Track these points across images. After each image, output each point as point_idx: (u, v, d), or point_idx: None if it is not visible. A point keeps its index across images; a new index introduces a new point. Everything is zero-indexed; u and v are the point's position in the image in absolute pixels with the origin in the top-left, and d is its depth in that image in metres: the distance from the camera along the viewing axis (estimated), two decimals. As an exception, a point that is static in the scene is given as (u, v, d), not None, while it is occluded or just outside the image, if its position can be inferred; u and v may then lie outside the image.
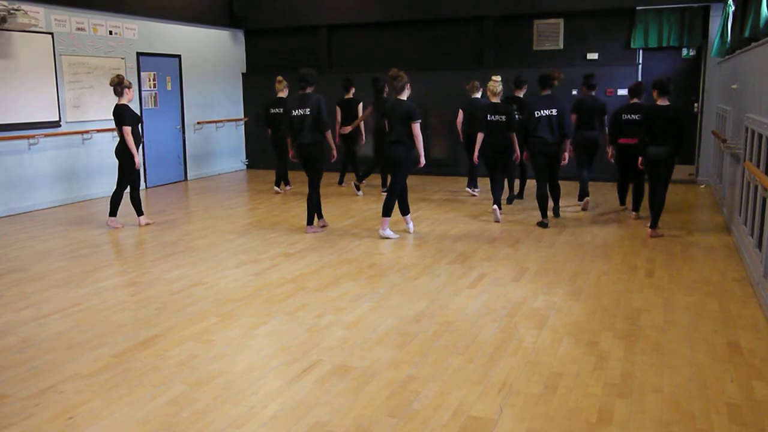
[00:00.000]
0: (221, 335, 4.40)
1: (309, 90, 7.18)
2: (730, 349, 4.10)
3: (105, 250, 6.83)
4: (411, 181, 10.49)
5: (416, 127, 6.79)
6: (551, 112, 7.48)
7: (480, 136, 7.94)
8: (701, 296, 5.13)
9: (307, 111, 7.10)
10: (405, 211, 7.31)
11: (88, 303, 5.11)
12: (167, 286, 5.54)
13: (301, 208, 8.84)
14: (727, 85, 8.89)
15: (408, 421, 3.25)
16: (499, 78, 8.30)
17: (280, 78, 10.23)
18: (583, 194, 8.58)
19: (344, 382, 3.67)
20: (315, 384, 3.65)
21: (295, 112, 7.14)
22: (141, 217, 7.92)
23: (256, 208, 9.16)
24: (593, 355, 4.01)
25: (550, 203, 7.87)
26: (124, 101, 7.53)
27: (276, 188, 10.33)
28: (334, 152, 7.56)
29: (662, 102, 6.87)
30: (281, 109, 9.67)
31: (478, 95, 9.32)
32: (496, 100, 7.95)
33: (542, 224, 7.55)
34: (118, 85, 7.49)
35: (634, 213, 7.99)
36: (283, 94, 10.01)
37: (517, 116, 8.16)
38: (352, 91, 10.14)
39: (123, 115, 7.45)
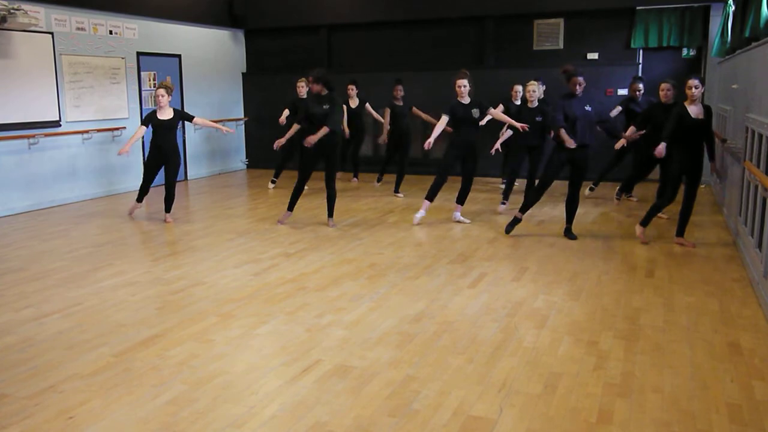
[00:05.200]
0: (221, 335, 4.40)
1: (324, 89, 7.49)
2: (730, 349, 4.09)
3: (105, 249, 6.83)
4: (412, 181, 10.51)
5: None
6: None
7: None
8: (701, 296, 5.13)
9: (327, 108, 7.42)
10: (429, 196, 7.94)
11: (88, 303, 5.11)
12: (167, 285, 5.54)
13: (302, 208, 8.83)
14: (727, 85, 8.89)
15: (408, 421, 3.25)
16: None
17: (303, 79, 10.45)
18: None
19: (344, 382, 3.67)
20: (315, 384, 3.65)
21: (316, 110, 7.49)
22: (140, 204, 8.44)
23: (256, 208, 9.16)
24: (593, 355, 4.01)
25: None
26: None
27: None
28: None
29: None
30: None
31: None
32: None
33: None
34: (169, 89, 8.08)
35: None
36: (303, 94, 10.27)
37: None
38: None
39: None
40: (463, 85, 7.55)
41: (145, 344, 4.26)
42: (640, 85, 8.94)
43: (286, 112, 10.04)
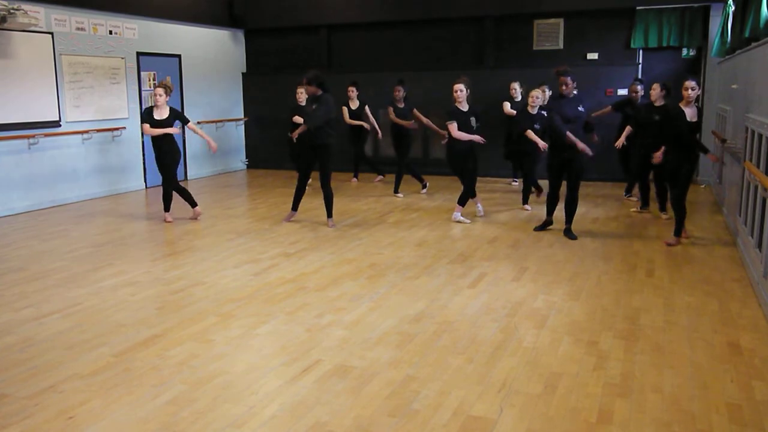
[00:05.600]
0: (221, 335, 4.40)
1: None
2: (730, 349, 4.09)
3: (105, 249, 6.83)
4: (413, 181, 10.50)
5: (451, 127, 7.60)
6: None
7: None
8: (701, 296, 5.13)
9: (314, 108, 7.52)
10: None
11: (88, 303, 5.11)
12: (167, 285, 5.54)
13: (302, 208, 8.84)
14: (727, 85, 8.89)
15: (408, 421, 3.25)
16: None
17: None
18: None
19: (344, 382, 3.67)
20: (315, 384, 3.65)
21: (307, 110, 7.65)
22: (168, 213, 8.26)
23: (256, 208, 9.17)
24: (593, 355, 4.01)
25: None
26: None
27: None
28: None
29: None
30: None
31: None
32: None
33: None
34: (168, 88, 7.98)
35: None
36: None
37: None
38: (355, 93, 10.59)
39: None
40: (460, 90, 7.58)
41: (145, 344, 4.26)
42: (639, 87, 8.91)
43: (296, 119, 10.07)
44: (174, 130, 7.91)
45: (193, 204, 8.26)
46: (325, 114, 7.38)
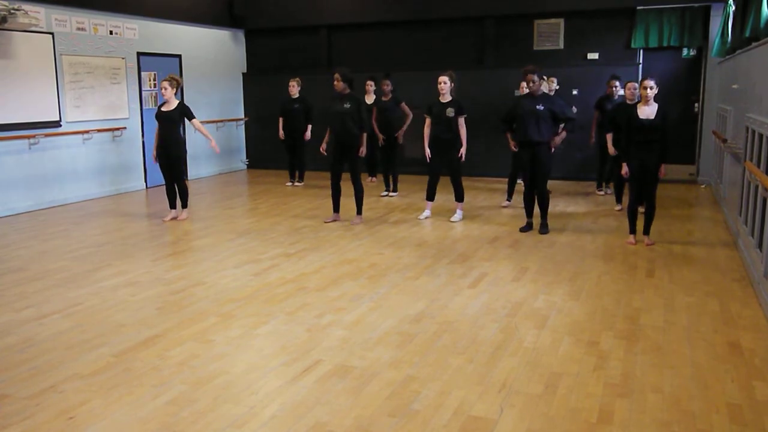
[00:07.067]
0: (221, 335, 4.40)
1: (348, 90, 7.69)
2: (731, 349, 4.09)
3: (105, 249, 6.83)
4: (412, 181, 10.51)
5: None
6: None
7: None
8: (701, 296, 5.13)
9: (347, 107, 7.64)
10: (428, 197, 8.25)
11: (89, 303, 5.11)
12: (167, 286, 5.54)
13: (303, 208, 8.85)
14: (727, 85, 8.89)
15: (408, 421, 3.25)
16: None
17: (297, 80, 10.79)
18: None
19: (344, 382, 3.67)
20: (315, 384, 3.65)
21: (338, 108, 7.69)
22: (174, 211, 8.29)
23: (256, 208, 9.17)
24: (593, 355, 4.01)
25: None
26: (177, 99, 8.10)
27: (292, 183, 11.01)
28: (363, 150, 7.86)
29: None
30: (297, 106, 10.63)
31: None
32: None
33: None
34: (178, 86, 8.02)
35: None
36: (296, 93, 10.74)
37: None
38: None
39: (189, 110, 8.09)
40: (443, 82, 7.73)
41: (146, 344, 4.26)
42: (617, 83, 9.02)
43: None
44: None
45: (185, 205, 8.28)
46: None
